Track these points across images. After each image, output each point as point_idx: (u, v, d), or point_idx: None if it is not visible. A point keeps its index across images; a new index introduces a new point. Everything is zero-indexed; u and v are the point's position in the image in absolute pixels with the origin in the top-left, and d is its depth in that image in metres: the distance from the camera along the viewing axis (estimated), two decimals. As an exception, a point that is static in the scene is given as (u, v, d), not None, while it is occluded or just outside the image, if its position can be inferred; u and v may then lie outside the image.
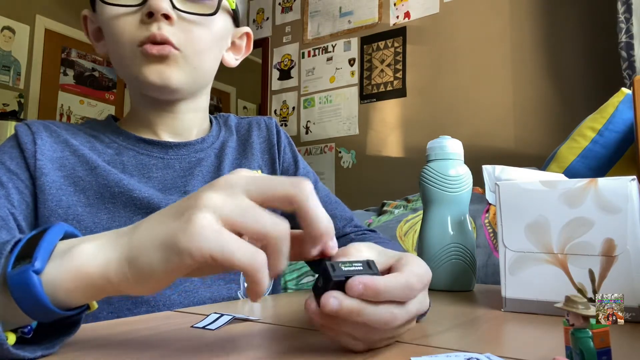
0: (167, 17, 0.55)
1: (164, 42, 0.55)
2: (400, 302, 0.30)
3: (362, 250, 0.35)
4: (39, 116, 3.29)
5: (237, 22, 0.66)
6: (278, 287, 0.73)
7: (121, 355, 0.31)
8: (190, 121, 0.66)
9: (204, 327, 0.40)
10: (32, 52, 3.32)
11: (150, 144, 0.63)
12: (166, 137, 0.64)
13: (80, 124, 0.65)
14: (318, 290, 0.29)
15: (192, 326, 0.40)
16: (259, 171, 0.68)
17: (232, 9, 0.62)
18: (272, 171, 0.70)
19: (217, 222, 0.27)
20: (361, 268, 0.30)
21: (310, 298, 0.30)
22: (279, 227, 0.28)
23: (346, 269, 0.29)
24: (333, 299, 0.28)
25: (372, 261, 0.31)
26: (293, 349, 0.34)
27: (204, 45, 0.59)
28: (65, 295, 0.28)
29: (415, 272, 0.32)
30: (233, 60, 0.69)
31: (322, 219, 0.30)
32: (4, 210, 0.50)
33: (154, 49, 0.54)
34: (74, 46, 3.60)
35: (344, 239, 0.69)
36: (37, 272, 0.27)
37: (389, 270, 0.33)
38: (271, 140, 0.71)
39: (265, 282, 0.27)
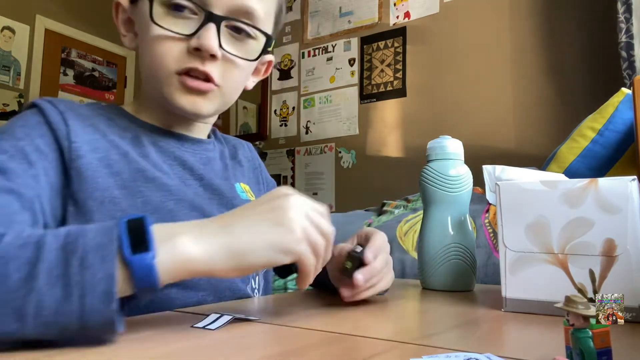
0: (213, 55, 0.56)
1: (204, 76, 0.57)
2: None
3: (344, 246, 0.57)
4: (39, 116, 3.29)
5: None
6: (269, 287, 0.74)
7: (121, 355, 0.31)
8: (202, 126, 0.69)
9: (204, 327, 0.40)
10: (32, 52, 3.31)
11: (166, 133, 0.64)
12: (177, 129, 0.66)
13: (88, 104, 0.63)
14: (349, 271, 0.52)
15: (192, 326, 0.40)
16: (248, 186, 0.73)
17: (268, 50, 0.64)
18: (258, 190, 0.77)
19: (302, 231, 0.41)
20: (362, 249, 0.54)
21: (344, 281, 0.54)
22: (324, 244, 0.43)
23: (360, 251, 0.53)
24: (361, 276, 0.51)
25: (358, 245, 0.55)
26: (293, 349, 0.34)
27: (239, 83, 0.63)
28: (167, 277, 0.36)
29: (381, 240, 0.58)
30: (251, 83, 0.71)
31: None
32: (31, 192, 0.48)
33: (194, 83, 0.57)
34: (74, 46, 3.60)
35: None
36: (153, 258, 0.34)
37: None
38: (254, 164, 0.79)
39: (311, 279, 0.43)
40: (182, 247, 0.36)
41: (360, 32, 2.90)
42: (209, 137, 0.73)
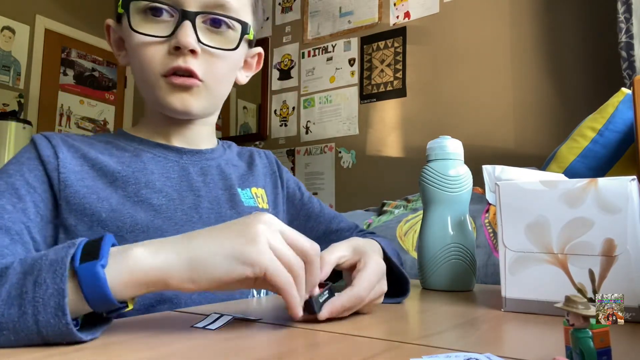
0: (192, 51, 0.58)
1: (189, 73, 0.59)
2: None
3: (335, 250, 0.49)
4: (39, 116, 3.29)
5: (251, 44, 0.70)
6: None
7: (121, 355, 0.31)
8: (200, 133, 0.70)
9: (204, 327, 0.40)
10: (32, 52, 3.32)
11: (165, 148, 0.66)
12: (178, 144, 0.67)
13: (92, 136, 0.66)
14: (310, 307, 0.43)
15: (192, 326, 0.40)
16: (263, 190, 0.74)
17: (250, 39, 0.65)
18: (275, 194, 0.77)
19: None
20: (327, 296, 0.44)
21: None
22: (299, 263, 0.39)
23: (322, 300, 0.43)
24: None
25: (333, 286, 0.45)
26: (293, 349, 0.34)
27: (223, 75, 0.63)
28: (120, 288, 0.35)
29: (363, 286, 0.46)
30: (244, 77, 0.73)
31: (324, 271, 0.45)
32: (19, 225, 0.51)
33: (179, 80, 0.59)
34: (74, 46, 3.60)
35: None
36: (103, 267, 0.34)
37: (354, 266, 0.49)
38: (272, 169, 0.79)
39: (297, 298, 0.39)
40: (135, 257, 0.36)
41: (360, 32, 2.90)
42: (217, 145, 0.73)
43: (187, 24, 0.57)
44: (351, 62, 2.92)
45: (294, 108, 3.13)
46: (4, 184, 0.53)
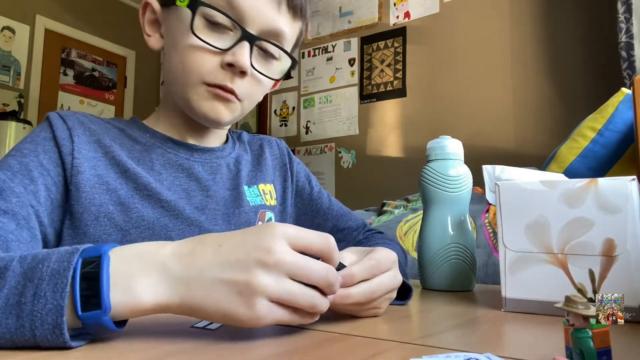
0: (243, 72, 0.58)
1: (231, 92, 0.59)
2: (372, 279, 0.43)
3: (345, 256, 0.47)
4: (38, 116, 3.29)
5: None
6: None
7: (121, 355, 0.31)
8: (214, 132, 0.70)
9: (204, 328, 0.40)
10: (32, 52, 3.32)
11: (177, 144, 0.66)
12: (190, 140, 0.67)
13: (107, 119, 0.65)
14: None
15: (192, 326, 0.40)
16: (272, 185, 0.74)
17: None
18: (284, 188, 0.76)
19: (270, 302, 0.34)
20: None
21: None
22: (312, 301, 0.36)
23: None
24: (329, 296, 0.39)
25: (340, 263, 0.42)
26: (293, 349, 0.34)
27: (258, 99, 0.65)
28: (121, 316, 0.35)
29: (376, 257, 0.44)
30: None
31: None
32: (27, 209, 0.50)
33: (218, 91, 0.59)
34: (74, 46, 3.60)
35: (358, 244, 0.74)
36: (106, 313, 0.33)
37: None
38: (283, 161, 0.78)
39: (306, 322, 0.37)
40: (136, 294, 0.34)
41: (360, 32, 2.90)
42: (227, 141, 0.73)
43: (246, 45, 0.57)
44: (351, 62, 2.92)
45: (294, 108, 3.13)
46: (17, 164, 0.52)
